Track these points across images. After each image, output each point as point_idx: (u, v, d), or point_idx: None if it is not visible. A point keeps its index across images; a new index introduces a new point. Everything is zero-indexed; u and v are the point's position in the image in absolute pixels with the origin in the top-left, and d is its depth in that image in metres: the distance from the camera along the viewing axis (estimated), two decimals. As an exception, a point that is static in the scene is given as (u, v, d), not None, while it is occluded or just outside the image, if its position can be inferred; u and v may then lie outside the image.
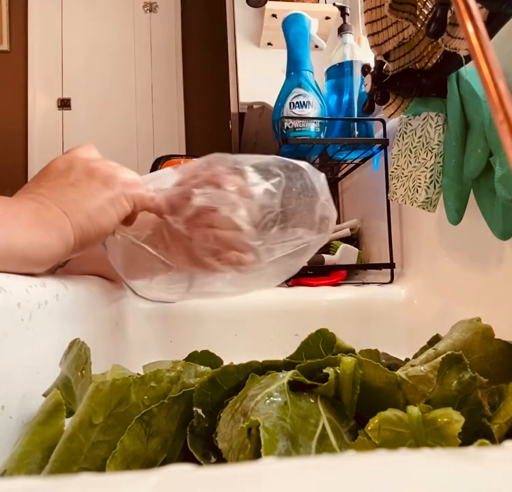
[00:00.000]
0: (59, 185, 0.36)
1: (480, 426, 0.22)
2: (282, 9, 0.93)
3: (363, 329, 0.63)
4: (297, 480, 0.10)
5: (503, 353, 0.28)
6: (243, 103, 1.03)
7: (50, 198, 0.34)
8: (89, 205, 0.35)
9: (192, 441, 0.23)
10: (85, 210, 0.35)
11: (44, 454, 0.23)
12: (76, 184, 0.36)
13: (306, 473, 0.10)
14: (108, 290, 0.49)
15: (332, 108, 0.83)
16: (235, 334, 0.61)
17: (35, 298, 0.30)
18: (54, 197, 0.35)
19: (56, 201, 0.34)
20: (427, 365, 0.24)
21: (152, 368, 0.26)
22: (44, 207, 0.33)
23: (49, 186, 0.36)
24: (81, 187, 0.36)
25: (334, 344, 0.28)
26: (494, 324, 0.29)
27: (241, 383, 0.25)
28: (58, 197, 0.35)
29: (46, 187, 0.36)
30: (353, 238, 0.90)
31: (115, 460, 0.21)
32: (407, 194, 0.55)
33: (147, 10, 2.73)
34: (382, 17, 0.49)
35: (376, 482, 0.09)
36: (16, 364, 0.26)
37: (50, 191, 0.35)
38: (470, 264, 0.54)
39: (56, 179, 0.37)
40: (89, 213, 0.35)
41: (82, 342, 0.28)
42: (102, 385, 0.23)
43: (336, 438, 0.21)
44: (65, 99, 2.61)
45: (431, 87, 0.51)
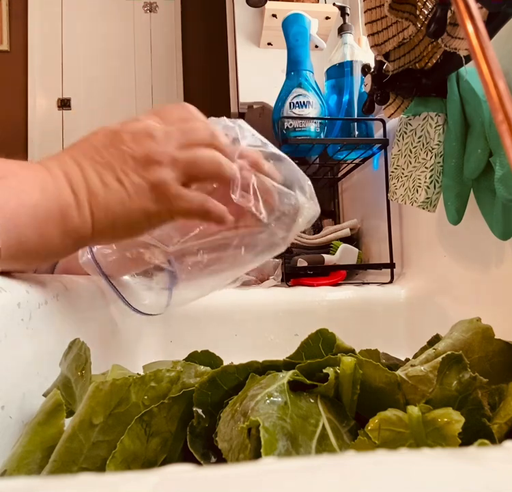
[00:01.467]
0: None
1: (480, 426, 0.22)
2: (282, 9, 0.93)
3: (363, 329, 0.63)
4: (297, 480, 0.10)
5: (503, 353, 0.28)
6: (243, 103, 1.03)
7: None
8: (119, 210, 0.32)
9: (192, 441, 0.23)
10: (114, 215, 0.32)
11: (44, 454, 0.23)
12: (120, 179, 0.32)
13: (306, 473, 0.10)
14: (108, 289, 0.49)
15: (332, 108, 0.83)
16: (235, 334, 0.61)
17: (35, 298, 0.30)
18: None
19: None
20: (427, 365, 0.24)
21: (152, 368, 0.26)
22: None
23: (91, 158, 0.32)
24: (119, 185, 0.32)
25: (334, 344, 0.28)
26: (494, 324, 0.29)
27: (241, 383, 0.25)
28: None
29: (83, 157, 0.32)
30: (353, 238, 0.90)
31: (115, 460, 0.21)
32: (407, 194, 0.55)
33: (147, 10, 2.73)
34: (382, 17, 0.49)
35: (376, 482, 0.09)
36: (16, 364, 0.26)
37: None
38: (470, 264, 0.54)
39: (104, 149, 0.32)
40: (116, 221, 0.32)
41: (82, 342, 0.28)
42: (102, 385, 0.23)
43: (336, 438, 0.21)
44: (65, 99, 2.61)
45: (431, 87, 0.51)
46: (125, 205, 0.32)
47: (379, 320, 0.64)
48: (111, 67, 2.65)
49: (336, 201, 1.11)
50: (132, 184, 0.32)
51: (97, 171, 0.31)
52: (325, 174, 1.01)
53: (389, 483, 0.09)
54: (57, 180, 0.30)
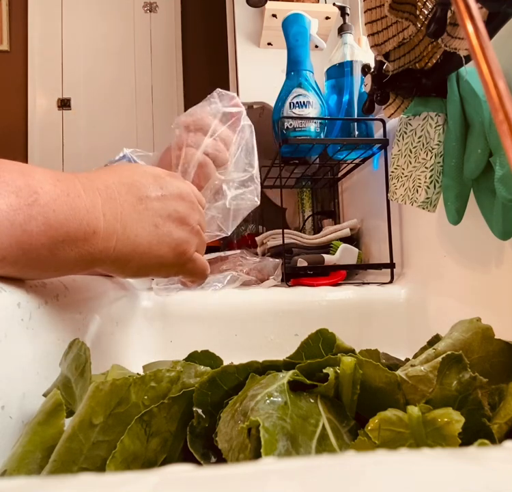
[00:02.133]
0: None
1: (480, 426, 0.22)
2: (282, 9, 0.93)
3: (363, 329, 0.64)
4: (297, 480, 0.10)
5: (503, 353, 0.28)
6: (243, 103, 1.03)
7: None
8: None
9: (192, 441, 0.23)
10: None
11: (44, 454, 0.23)
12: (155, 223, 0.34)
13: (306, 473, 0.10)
14: (108, 289, 0.49)
15: (332, 108, 0.83)
16: (235, 334, 0.61)
17: (35, 298, 0.30)
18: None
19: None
20: (427, 365, 0.24)
21: (152, 368, 0.26)
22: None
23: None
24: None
25: (334, 344, 0.28)
26: (494, 324, 0.29)
27: (241, 383, 0.25)
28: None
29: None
30: (353, 238, 0.90)
31: (115, 460, 0.21)
32: (407, 194, 0.55)
33: (147, 10, 2.73)
34: (382, 17, 0.49)
35: (376, 482, 0.09)
36: (16, 364, 0.26)
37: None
38: (470, 264, 0.54)
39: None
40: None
41: (82, 342, 0.28)
42: (102, 385, 0.23)
43: (336, 438, 0.21)
44: (65, 99, 2.61)
45: (431, 87, 0.51)
46: (151, 248, 0.33)
47: (379, 320, 0.64)
48: (111, 68, 2.65)
49: (336, 201, 1.11)
50: (165, 232, 0.34)
51: (137, 210, 0.32)
52: (325, 174, 1.01)
53: (389, 483, 0.09)
54: (90, 202, 0.29)
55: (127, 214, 0.31)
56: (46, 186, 0.27)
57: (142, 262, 0.33)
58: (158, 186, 0.35)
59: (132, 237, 0.32)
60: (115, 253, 0.31)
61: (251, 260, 0.79)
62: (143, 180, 0.34)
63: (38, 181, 0.27)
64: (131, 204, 0.32)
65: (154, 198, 0.34)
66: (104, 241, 0.30)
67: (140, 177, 0.34)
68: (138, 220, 0.32)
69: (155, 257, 0.34)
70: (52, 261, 0.28)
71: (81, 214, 0.28)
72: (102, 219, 0.30)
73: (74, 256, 0.29)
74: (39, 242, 0.26)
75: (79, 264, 0.30)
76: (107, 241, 0.30)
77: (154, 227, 0.33)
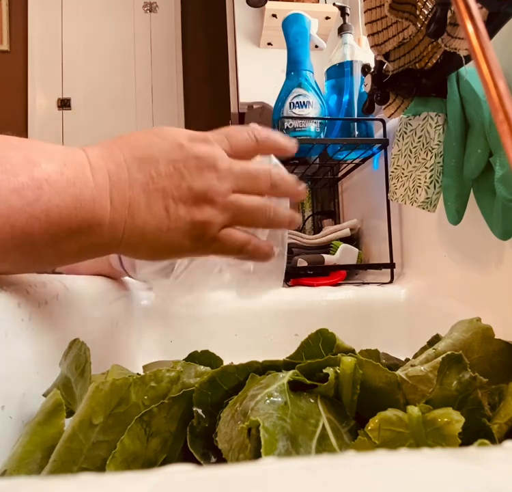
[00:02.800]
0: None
1: (480, 426, 0.22)
2: (282, 9, 0.93)
3: (363, 329, 0.63)
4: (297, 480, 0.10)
5: (503, 353, 0.28)
6: (243, 103, 1.03)
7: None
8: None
9: (192, 441, 0.23)
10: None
11: (44, 454, 0.23)
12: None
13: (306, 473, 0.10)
14: (108, 289, 0.49)
15: (332, 108, 0.83)
16: (235, 334, 0.61)
17: (35, 298, 0.30)
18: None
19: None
20: (427, 365, 0.24)
21: (152, 368, 0.26)
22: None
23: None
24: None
25: (334, 344, 0.28)
26: (494, 324, 0.29)
27: (241, 383, 0.25)
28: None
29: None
30: (353, 238, 0.90)
31: (115, 460, 0.21)
32: (407, 194, 0.55)
33: (147, 10, 2.73)
34: (382, 17, 0.49)
35: (376, 482, 0.09)
36: (16, 364, 0.26)
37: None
38: (470, 264, 0.54)
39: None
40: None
41: (82, 342, 0.28)
42: (102, 385, 0.23)
43: (336, 438, 0.21)
44: (65, 99, 2.61)
45: (431, 87, 0.51)
46: (161, 235, 0.30)
47: (379, 320, 0.64)
48: (111, 67, 2.65)
49: (336, 201, 1.11)
50: (177, 217, 0.30)
51: (146, 191, 0.29)
52: (325, 174, 1.01)
53: (389, 483, 0.09)
54: (98, 190, 0.27)
55: (135, 199, 0.29)
56: (51, 173, 0.25)
57: (154, 249, 0.31)
58: (173, 157, 0.30)
59: (140, 225, 0.29)
60: (122, 242, 0.29)
61: (251, 260, 0.79)
62: (157, 151, 0.30)
63: (44, 169, 0.25)
64: (140, 185, 0.29)
65: (166, 174, 0.30)
66: (110, 232, 0.28)
67: (156, 147, 0.30)
68: (147, 205, 0.29)
69: (168, 245, 0.31)
70: (55, 254, 0.27)
71: (87, 206, 0.26)
72: (109, 208, 0.28)
73: (79, 248, 0.28)
74: (41, 240, 0.25)
75: (84, 254, 0.29)
76: (114, 231, 0.28)
77: (165, 212, 0.29)
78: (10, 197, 0.24)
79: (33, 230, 0.25)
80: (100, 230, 0.28)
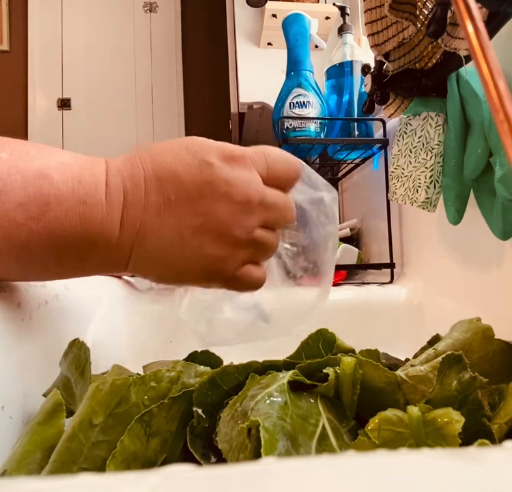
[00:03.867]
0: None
1: (480, 426, 0.22)
2: (282, 9, 0.93)
3: (363, 329, 0.63)
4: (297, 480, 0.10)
5: (503, 353, 0.28)
6: (243, 103, 1.03)
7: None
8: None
9: (192, 441, 0.23)
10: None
11: (44, 454, 0.23)
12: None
13: (306, 473, 0.10)
14: (108, 289, 0.49)
15: (332, 108, 0.83)
16: (235, 334, 0.61)
17: (35, 298, 0.30)
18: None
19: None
20: (427, 365, 0.24)
21: (152, 368, 0.26)
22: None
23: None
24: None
25: (334, 344, 0.28)
26: (494, 324, 0.29)
27: (241, 383, 0.25)
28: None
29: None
30: (353, 238, 0.90)
31: (115, 460, 0.21)
32: (407, 194, 0.55)
33: (147, 10, 2.73)
34: (382, 17, 0.49)
35: (376, 482, 0.09)
36: (16, 364, 0.26)
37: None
38: (470, 264, 0.54)
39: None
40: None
41: (82, 342, 0.28)
42: (102, 385, 0.23)
43: (336, 438, 0.21)
44: (65, 99, 2.61)
45: (431, 87, 0.51)
46: (171, 263, 0.27)
47: (379, 320, 0.64)
48: (111, 67, 2.65)
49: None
50: (192, 248, 0.26)
51: (161, 216, 0.26)
52: (325, 174, 1.01)
53: (389, 483, 0.09)
54: (109, 210, 0.25)
55: (148, 223, 0.26)
56: (62, 189, 0.24)
57: (163, 275, 0.28)
58: (198, 179, 0.26)
59: (149, 250, 0.26)
60: (130, 264, 0.27)
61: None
62: (181, 171, 0.26)
63: (55, 184, 0.24)
64: (156, 208, 0.26)
65: (186, 199, 0.26)
66: (116, 253, 0.26)
67: (181, 164, 0.26)
68: (159, 230, 0.26)
69: (180, 273, 0.28)
70: (58, 268, 0.26)
71: (94, 227, 0.25)
72: (118, 230, 0.25)
73: (82, 265, 0.26)
74: (42, 255, 0.24)
75: (89, 271, 0.28)
76: (120, 253, 0.26)
77: (178, 240, 0.26)
78: (14, 211, 0.22)
79: (32, 245, 0.23)
80: (106, 251, 0.26)
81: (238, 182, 0.27)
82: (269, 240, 0.29)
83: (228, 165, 0.27)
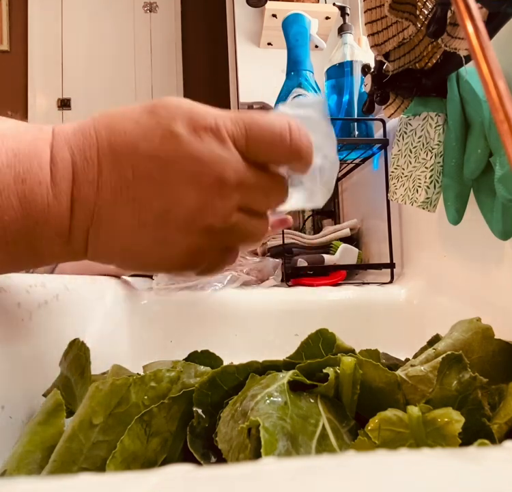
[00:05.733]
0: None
1: (480, 426, 0.22)
2: (282, 9, 0.93)
3: (363, 329, 0.63)
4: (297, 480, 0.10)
5: (503, 353, 0.28)
6: (243, 103, 1.03)
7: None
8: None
9: (192, 441, 0.23)
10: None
11: (44, 454, 0.23)
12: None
13: (306, 473, 0.10)
14: (108, 289, 0.49)
15: (332, 108, 0.83)
16: (235, 334, 0.61)
17: (35, 298, 0.30)
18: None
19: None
20: (427, 365, 0.24)
21: (152, 368, 0.26)
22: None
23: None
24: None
25: (334, 344, 0.28)
26: (494, 324, 0.29)
27: (241, 383, 0.25)
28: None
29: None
30: (353, 238, 0.90)
31: (115, 460, 0.21)
32: (407, 194, 0.55)
33: (147, 10, 2.73)
34: (382, 17, 0.49)
35: (376, 482, 0.09)
36: (16, 364, 0.26)
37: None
38: (470, 264, 0.54)
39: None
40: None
41: (82, 342, 0.28)
42: (102, 385, 0.23)
43: (336, 438, 0.21)
44: (65, 99, 2.61)
45: (431, 87, 0.51)
46: (134, 256, 0.23)
47: (379, 320, 0.64)
48: (111, 67, 2.65)
49: (336, 201, 1.11)
50: (156, 239, 0.23)
51: (117, 200, 0.22)
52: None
53: (389, 483, 0.09)
54: (55, 190, 0.21)
55: (102, 208, 0.22)
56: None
57: (130, 267, 0.25)
58: (161, 153, 0.21)
59: (105, 240, 0.23)
60: (88, 254, 0.23)
61: (251, 260, 0.79)
62: (141, 143, 0.22)
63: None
64: (111, 190, 0.22)
65: (147, 178, 0.22)
66: (70, 242, 0.22)
67: (142, 133, 0.22)
68: (115, 218, 0.22)
69: (146, 265, 0.24)
70: (8, 259, 0.22)
71: (38, 210, 0.21)
72: (68, 215, 0.22)
73: (35, 255, 0.23)
74: None
75: (44, 261, 0.24)
76: (75, 242, 0.23)
77: (139, 229, 0.22)
78: None
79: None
80: (58, 239, 0.22)
81: (210, 160, 0.22)
82: (253, 225, 0.25)
83: (198, 137, 0.22)
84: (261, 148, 0.24)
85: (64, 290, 0.35)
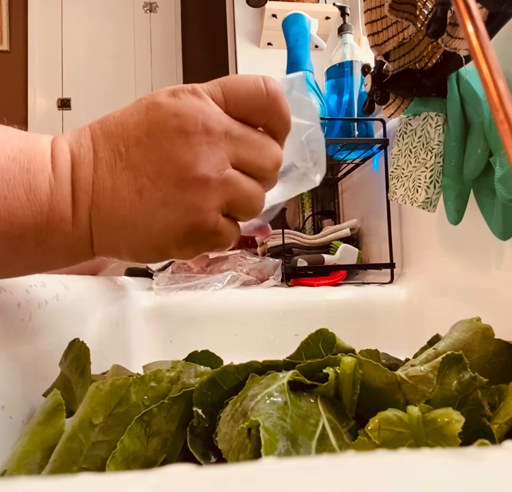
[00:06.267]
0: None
1: (480, 426, 0.22)
2: (282, 9, 0.93)
3: (363, 329, 0.63)
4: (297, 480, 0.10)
5: (503, 353, 0.28)
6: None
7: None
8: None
9: (192, 441, 0.23)
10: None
11: (44, 454, 0.23)
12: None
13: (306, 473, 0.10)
14: (108, 289, 0.49)
15: (332, 108, 0.83)
16: (235, 334, 0.61)
17: (35, 298, 0.30)
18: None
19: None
20: (427, 365, 0.24)
21: (152, 368, 0.26)
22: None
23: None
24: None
25: (334, 344, 0.28)
26: (494, 324, 0.29)
27: (241, 383, 0.25)
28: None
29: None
30: (353, 238, 0.90)
31: (115, 460, 0.21)
32: (407, 194, 0.55)
33: (147, 10, 2.73)
34: (382, 17, 0.49)
35: (376, 482, 0.09)
36: (16, 364, 0.26)
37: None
38: (470, 264, 0.54)
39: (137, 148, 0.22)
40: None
41: (82, 342, 0.28)
42: (102, 385, 0.23)
43: (336, 438, 0.21)
44: (65, 99, 2.61)
45: (431, 87, 0.51)
46: (136, 229, 0.23)
47: (379, 320, 0.64)
48: (111, 68, 2.65)
49: (336, 201, 1.11)
50: (157, 202, 0.22)
51: (113, 172, 0.22)
52: (326, 174, 1.01)
53: (389, 483, 0.09)
54: (57, 175, 0.22)
55: (100, 184, 0.22)
56: (1, 159, 0.21)
57: (133, 248, 0.24)
58: (145, 123, 0.23)
59: (107, 216, 0.22)
60: (94, 242, 0.23)
61: (251, 259, 0.79)
62: (128, 120, 0.23)
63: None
64: (106, 164, 0.22)
65: (137, 146, 0.22)
66: (75, 228, 0.23)
67: (129, 115, 0.24)
68: (114, 189, 0.22)
69: (152, 238, 0.23)
70: (16, 260, 0.22)
71: (42, 196, 0.21)
72: (70, 197, 0.22)
73: (43, 252, 0.23)
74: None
75: (53, 260, 0.24)
76: (79, 228, 0.23)
77: (137, 196, 0.22)
78: None
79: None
80: (64, 227, 0.22)
81: (191, 111, 0.23)
82: (247, 187, 0.24)
83: (176, 98, 0.23)
84: (239, 100, 0.24)
85: (64, 290, 0.35)
